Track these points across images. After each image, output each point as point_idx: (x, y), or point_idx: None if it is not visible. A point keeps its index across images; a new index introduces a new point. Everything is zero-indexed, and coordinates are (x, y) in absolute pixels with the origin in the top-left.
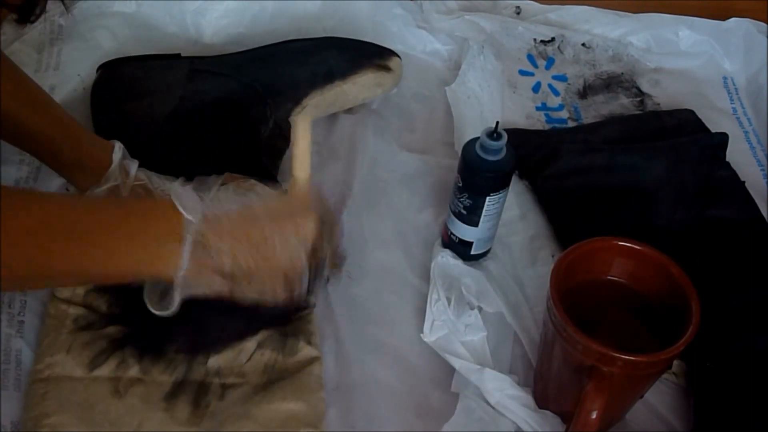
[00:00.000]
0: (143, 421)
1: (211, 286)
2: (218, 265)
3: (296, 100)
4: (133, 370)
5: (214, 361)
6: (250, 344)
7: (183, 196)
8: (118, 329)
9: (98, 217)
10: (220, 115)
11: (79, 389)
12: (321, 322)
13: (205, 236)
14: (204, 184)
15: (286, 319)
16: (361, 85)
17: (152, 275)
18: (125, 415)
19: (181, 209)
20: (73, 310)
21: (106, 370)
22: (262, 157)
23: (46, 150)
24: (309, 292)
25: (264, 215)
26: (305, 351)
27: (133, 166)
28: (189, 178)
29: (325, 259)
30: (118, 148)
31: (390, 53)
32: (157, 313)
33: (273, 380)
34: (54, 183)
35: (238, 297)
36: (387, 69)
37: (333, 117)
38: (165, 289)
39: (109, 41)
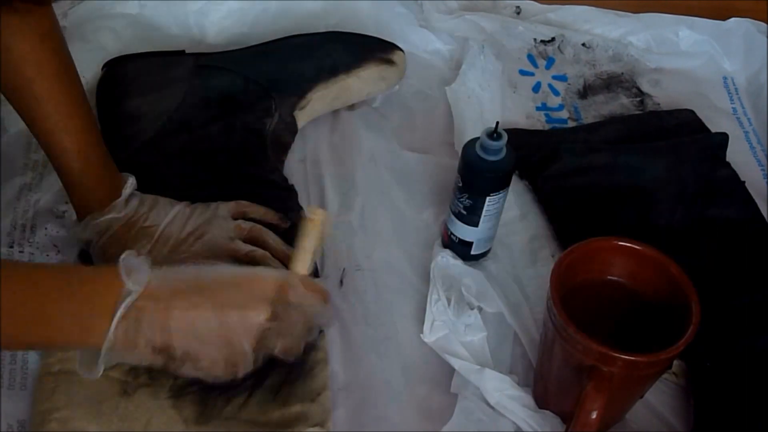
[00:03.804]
0: (152, 417)
1: (142, 359)
2: (149, 340)
3: (301, 94)
4: (143, 378)
5: None
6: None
7: (131, 264)
8: None
9: (32, 289)
10: (225, 110)
11: (88, 385)
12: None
13: (141, 310)
14: (206, 212)
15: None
16: (365, 79)
17: (81, 346)
18: (134, 411)
19: (123, 280)
20: None
21: (116, 372)
22: (267, 152)
23: (57, 153)
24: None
25: (213, 296)
26: (310, 355)
27: (134, 200)
28: (192, 185)
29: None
30: (130, 185)
31: (393, 47)
32: (83, 374)
33: (279, 383)
34: (57, 185)
35: (173, 371)
36: (391, 63)
37: (335, 114)
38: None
39: (112, 42)
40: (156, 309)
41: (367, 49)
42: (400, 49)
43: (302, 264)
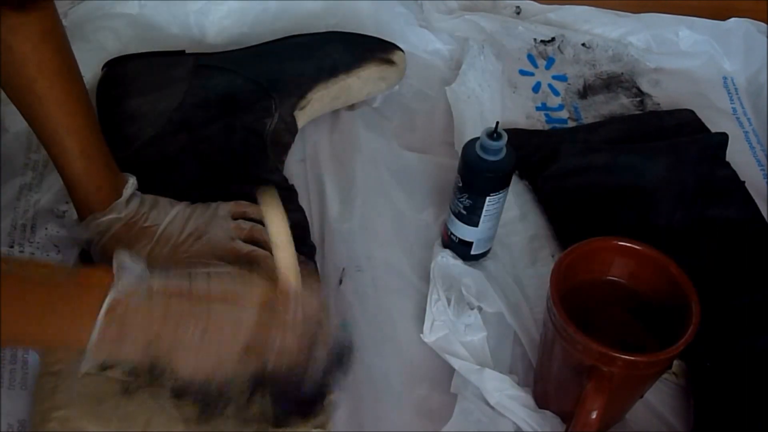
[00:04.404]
0: (152, 417)
1: (128, 359)
2: (135, 339)
3: (301, 94)
4: (143, 378)
5: None
6: None
7: (124, 263)
8: None
9: (21, 287)
10: (225, 110)
11: (89, 384)
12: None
13: (127, 309)
14: (206, 212)
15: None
16: (365, 79)
17: (68, 344)
18: (134, 410)
19: (114, 278)
20: None
21: (117, 372)
22: (267, 152)
23: (59, 153)
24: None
25: (200, 306)
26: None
27: (135, 201)
28: (192, 185)
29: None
30: (131, 185)
31: (393, 47)
32: (81, 369)
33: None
34: (57, 185)
35: (159, 375)
36: (390, 63)
37: (335, 114)
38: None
39: (112, 42)
40: (142, 310)
41: (367, 49)
42: (400, 49)
43: (286, 254)
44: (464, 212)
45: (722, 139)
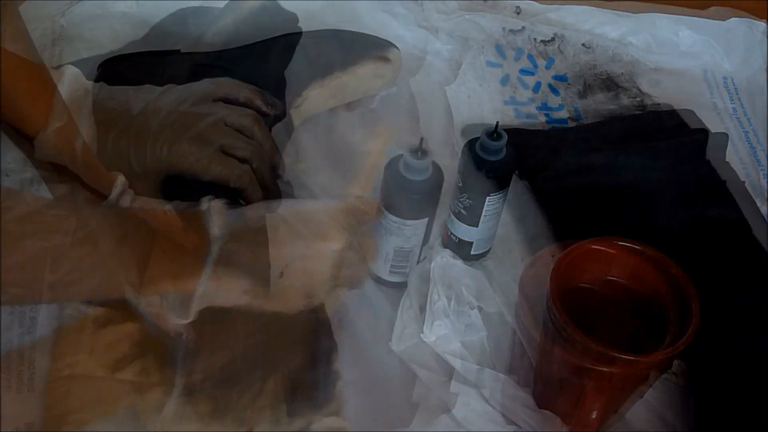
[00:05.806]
0: (166, 416)
1: (230, 300)
2: (238, 281)
3: (296, 92)
4: (154, 377)
5: None
6: None
7: (213, 210)
8: (137, 328)
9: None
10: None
11: (101, 386)
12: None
13: (229, 252)
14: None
15: None
16: (361, 77)
17: (177, 290)
18: (148, 410)
19: (208, 227)
20: (92, 311)
21: (128, 373)
22: None
23: None
24: None
25: (291, 230)
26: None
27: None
28: (188, 181)
29: None
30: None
31: (389, 45)
32: (173, 320)
33: (292, 370)
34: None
35: (257, 308)
36: (386, 60)
37: (333, 114)
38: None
39: (110, 41)
40: (242, 251)
41: (363, 47)
42: (396, 47)
43: (367, 184)
44: (464, 212)
45: (722, 139)
